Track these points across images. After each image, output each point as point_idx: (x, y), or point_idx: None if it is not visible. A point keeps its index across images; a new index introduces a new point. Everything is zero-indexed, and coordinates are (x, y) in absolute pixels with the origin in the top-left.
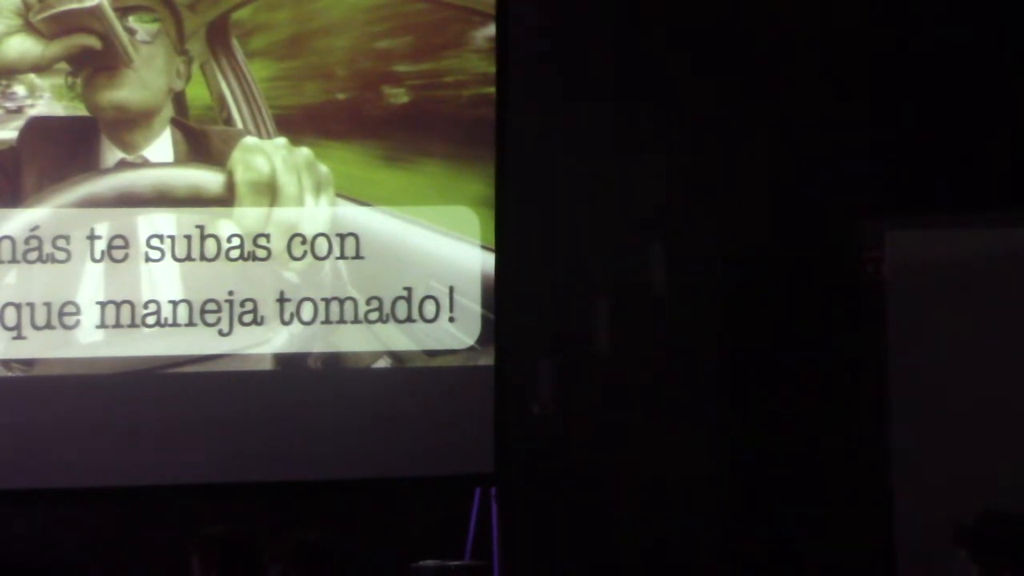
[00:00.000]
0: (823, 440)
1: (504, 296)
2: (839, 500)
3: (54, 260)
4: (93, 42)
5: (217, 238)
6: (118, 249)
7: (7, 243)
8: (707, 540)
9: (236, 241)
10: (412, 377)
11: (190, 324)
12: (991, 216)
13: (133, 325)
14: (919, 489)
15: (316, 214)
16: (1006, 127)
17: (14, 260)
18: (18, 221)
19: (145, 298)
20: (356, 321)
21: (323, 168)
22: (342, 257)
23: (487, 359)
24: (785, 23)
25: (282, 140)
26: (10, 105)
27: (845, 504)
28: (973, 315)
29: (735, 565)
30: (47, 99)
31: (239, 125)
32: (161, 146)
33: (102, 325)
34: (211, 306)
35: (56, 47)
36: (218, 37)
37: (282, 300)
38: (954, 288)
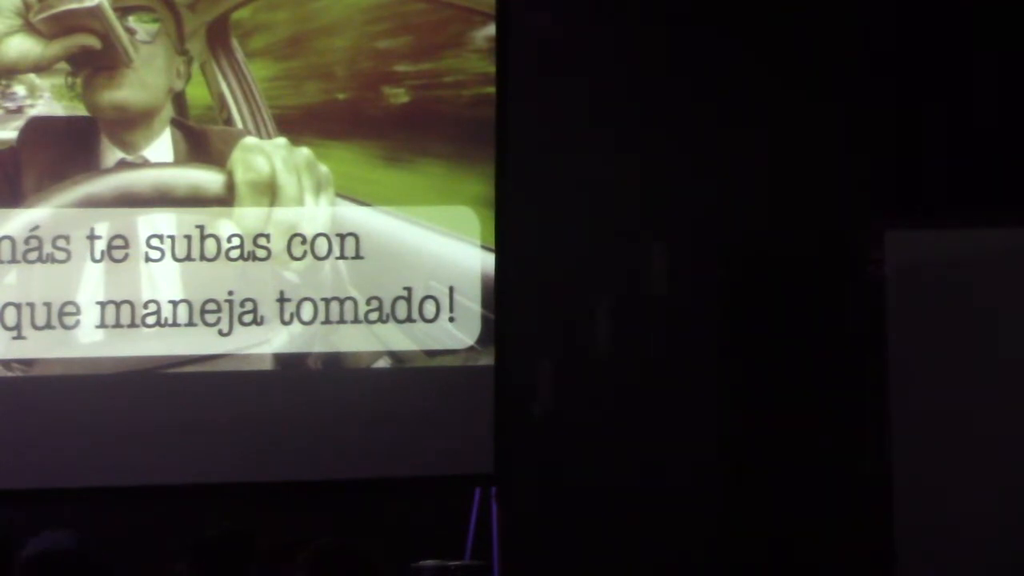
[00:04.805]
0: (823, 440)
1: (504, 296)
2: (839, 500)
3: (54, 260)
4: (93, 42)
5: (217, 238)
6: (118, 249)
7: (7, 243)
8: (707, 540)
9: (236, 241)
10: (412, 377)
11: (190, 324)
12: (991, 216)
13: (133, 325)
14: (919, 489)
15: (316, 214)
16: (1006, 127)
17: (14, 260)
18: (18, 221)
19: (145, 298)
20: (356, 321)
21: (323, 168)
22: (342, 257)
23: (487, 359)
24: (785, 23)
25: (282, 140)
26: (10, 105)
27: (845, 504)
28: (973, 315)
29: (735, 565)
30: (47, 99)
31: (239, 125)
32: (161, 146)
33: (102, 325)
34: (211, 306)
35: (56, 47)
36: (218, 37)
37: (282, 300)
38: (954, 288)
